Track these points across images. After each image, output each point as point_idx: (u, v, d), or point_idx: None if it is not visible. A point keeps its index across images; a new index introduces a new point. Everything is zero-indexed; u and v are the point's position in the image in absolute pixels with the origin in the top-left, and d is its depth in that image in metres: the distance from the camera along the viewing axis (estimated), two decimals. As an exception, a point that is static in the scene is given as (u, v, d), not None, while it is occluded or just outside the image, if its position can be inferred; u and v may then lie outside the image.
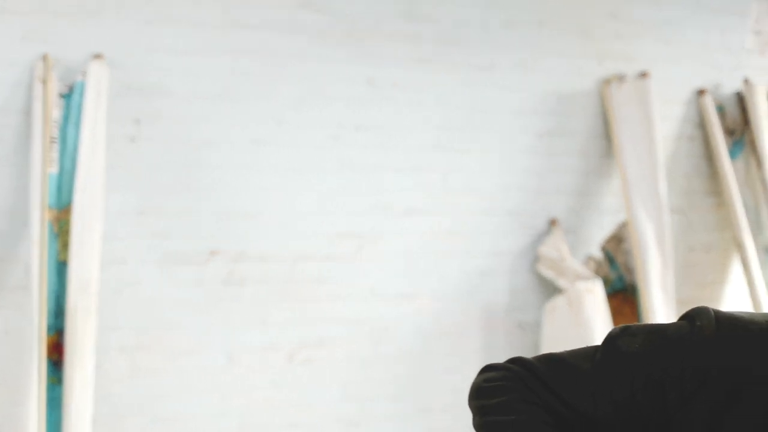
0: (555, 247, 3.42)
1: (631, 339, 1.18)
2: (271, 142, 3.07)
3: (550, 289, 3.45)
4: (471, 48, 3.41)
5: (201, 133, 3.02)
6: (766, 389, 1.09)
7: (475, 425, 1.22)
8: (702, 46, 3.89)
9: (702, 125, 3.82)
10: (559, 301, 3.36)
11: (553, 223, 3.49)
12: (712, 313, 1.16)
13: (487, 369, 1.26)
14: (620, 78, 3.59)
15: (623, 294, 3.61)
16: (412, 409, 3.33)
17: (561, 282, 3.38)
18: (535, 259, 3.47)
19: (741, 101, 3.89)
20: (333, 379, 3.22)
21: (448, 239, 3.39)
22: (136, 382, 3.02)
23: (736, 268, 3.84)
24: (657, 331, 1.18)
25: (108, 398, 2.90)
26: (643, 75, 3.61)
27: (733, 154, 3.84)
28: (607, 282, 3.51)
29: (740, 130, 3.89)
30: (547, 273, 3.42)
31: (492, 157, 3.45)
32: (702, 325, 1.14)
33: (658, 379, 1.13)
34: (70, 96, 2.82)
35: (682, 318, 1.19)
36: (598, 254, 3.58)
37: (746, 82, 3.90)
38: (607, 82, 3.59)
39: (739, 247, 3.73)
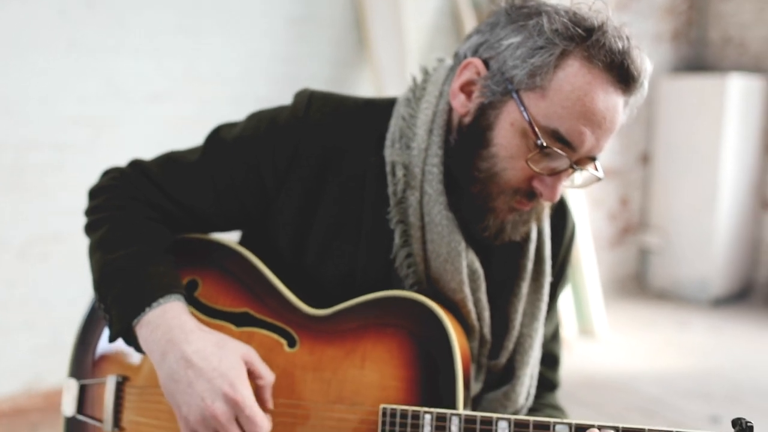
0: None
1: (232, 127, 1.16)
2: (-16, 17, 2.79)
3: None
4: (215, -74, 3.24)
5: None
6: (352, 164, 1.10)
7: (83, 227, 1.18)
8: (457, -61, 3.91)
9: (456, 18, 3.86)
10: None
11: (304, 111, 3.43)
12: (308, 93, 1.14)
13: (104, 173, 1.22)
14: (373, -34, 3.54)
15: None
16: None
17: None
18: (286, 148, 3.40)
19: (493, -5, 3.97)
20: (71, 275, 3.05)
21: (192, 127, 3.25)
22: None
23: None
24: (254, 117, 1.17)
25: None
26: (396, -36, 3.57)
27: (486, 48, 3.91)
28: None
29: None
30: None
31: (238, 43, 3.33)
32: (295, 106, 1.13)
33: (254, 163, 1.11)
34: None
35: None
36: (351, 144, 3.57)
37: (499, -23, 3.97)
38: (359, -31, 3.53)
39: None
